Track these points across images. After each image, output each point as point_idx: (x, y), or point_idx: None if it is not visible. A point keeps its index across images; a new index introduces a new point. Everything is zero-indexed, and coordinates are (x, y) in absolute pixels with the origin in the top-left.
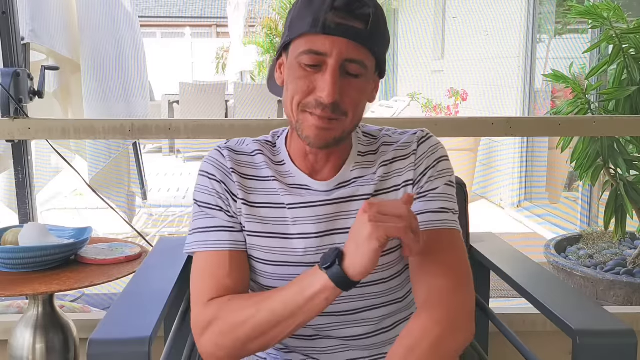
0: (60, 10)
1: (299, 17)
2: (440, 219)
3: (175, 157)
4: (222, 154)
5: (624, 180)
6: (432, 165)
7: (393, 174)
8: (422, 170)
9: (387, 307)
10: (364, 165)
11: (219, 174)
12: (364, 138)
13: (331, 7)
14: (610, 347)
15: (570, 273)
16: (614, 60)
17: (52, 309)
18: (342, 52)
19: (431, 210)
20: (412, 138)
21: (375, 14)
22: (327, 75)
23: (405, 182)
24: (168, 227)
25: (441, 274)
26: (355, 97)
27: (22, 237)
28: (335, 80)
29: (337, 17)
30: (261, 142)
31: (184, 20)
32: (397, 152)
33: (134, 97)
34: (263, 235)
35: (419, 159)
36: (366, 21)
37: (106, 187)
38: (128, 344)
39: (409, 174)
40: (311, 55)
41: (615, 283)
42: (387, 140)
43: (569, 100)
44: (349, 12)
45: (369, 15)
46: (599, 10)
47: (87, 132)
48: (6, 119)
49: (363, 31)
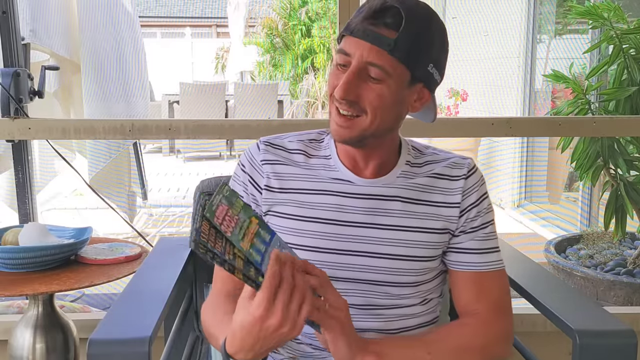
0: (61, 11)
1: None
2: (493, 259)
3: (176, 157)
4: (258, 147)
5: (624, 180)
6: (481, 199)
7: (437, 189)
8: (473, 201)
9: (400, 309)
10: (410, 175)
11: (247, 166)
12: (413, 151)
13: (368, 13)
14: (610, 347)
15: (570, 273)
16: (614, 61)
17: (52, 309)
18: (363, 55)
19: (485, 251)
20: (462, 162)
21: (409, 27)
22: (345, 74)
23: (450, 204)
24: (168, 227)
25: (493, 315)
26: (374, 99)
27: (22, 237)
28: (350, 79)
29: (368, 22)
30: (304, 141)
31: (184, 20)
32: (446, 169)
33: (134, 97)
34: (297, 218)
35: (470, 188)
36: (395, 30)
37: (106, 187)
38: (128, 344)
39: (456, 197)
40: (340, 55)
41: (615, 283)
42: (435, 158)
43: (569, 100)
44: (378, 19)
45: (400, 26)
46: (599, 11)
47: (87, 132)
48: (6, 119)
49: (388, 39)
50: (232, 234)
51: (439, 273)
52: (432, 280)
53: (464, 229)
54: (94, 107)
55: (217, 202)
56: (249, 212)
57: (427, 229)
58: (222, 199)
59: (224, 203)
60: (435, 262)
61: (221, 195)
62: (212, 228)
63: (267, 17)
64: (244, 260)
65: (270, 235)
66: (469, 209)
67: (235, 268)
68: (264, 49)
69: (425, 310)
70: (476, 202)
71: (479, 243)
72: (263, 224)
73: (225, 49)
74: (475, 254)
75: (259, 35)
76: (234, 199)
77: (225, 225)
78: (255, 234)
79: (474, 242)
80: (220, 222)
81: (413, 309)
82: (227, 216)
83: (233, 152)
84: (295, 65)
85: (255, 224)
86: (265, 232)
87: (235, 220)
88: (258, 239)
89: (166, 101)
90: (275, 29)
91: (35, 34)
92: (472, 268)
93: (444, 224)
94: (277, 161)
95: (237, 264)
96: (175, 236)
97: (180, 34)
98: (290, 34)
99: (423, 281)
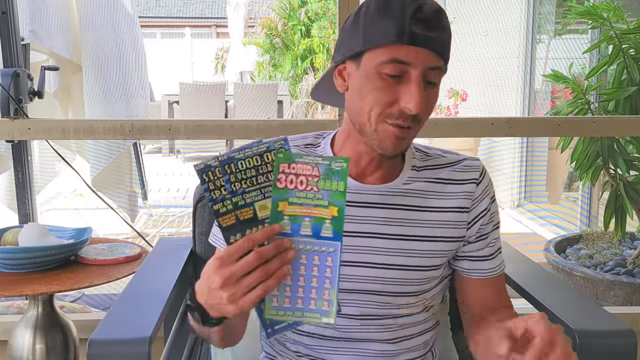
0: (61, 11)
1: (377, 26)
2: (502, 260)
3: (175, 158)
4: None
5: (623, 180)
6: (492, 201)
7: (445, 195)
8: (486, 206)
9: (403, 318)
10: (418, 179)
11: None
12: (418, 153)
13: (416, 18)
14: (610, 347)
15: (570, 273)
16: (614, 61)
17: (52, 310)
18: (427, 62)
19: (496, 254)
20: (472, 164)
21: (445, 24)
22: (413, 86)
23: (459, 208)
24: (168, 227)
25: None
26: (431, 105)
27: (22, 237)
28: (421, 91)
29: (422, 28)
30: (300, 147)
31: (183, 21)
32: (454, 173)
33: (134, 97)
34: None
35: (482, 193)
36: (444, 30)
37: (107, 188)
38: (128, 344)
39: (465, 202)
40: (395, 65)
41: (615, 283)
42: (442, 162)
43: (569, 100)
44: (433, 23)
45: (447, 26)
46: (598, 11)
47: (87, 133)
48: (6, 119)
49: (441, 41)
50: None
51: (442, 279)
52: (435, 287)
53: (479, 236)
54: (94, 107)
55: (308, 161)
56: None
57: (435, 237)
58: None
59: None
60: (440, 270)
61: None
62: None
63: (267, 17)
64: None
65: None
66: (483, 214)
67: (244, 203)
68: (263, 49)
69: (427, 318)
70: (488, 206)
71: (491, 249)
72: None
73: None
74: (489, 260)
75: (259, 36)
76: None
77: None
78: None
79: (489, 249)
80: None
81: (415, 317)
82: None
83: None
84: (294, 66)
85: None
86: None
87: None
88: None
89: (166, 101)
90: (275, 29)
91: (35, 34)
92: (489, 275)
93: (453, 232)
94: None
95: (248, 200)
96: (175, 236)
97: (180, 34)
98: (290, 34)
99: (426, 290)
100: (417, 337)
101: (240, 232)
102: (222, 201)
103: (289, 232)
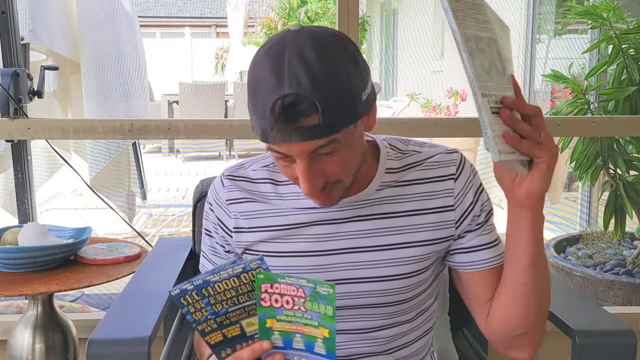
0: (60, 11)
1: (251, 117)
2: (499, 252)
3: (175, 157)
4: (222, 183)
5: (623, 180)
6: (479, 191)
7: (424, 195)
8: (472, 199)
9: (397, 327)
10: (391, 184)
11: (214, 205)
12: (393, 152)
13: (275, 116)
14: (610, 347)
15: (570, 273)
16: (614, 61)
17: (51, 309)
18: (303, 150)
19: (495, 243)
20: (447, 158)
21: (324, 98)
22: (299, 173)
23: (441, 208)
24: (167, 227)
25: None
26: (339, 168)
27: (21, 237)
28: (309, 176)
29: (285, 124)
30: (268, 167)
31: (183, 20)
32: (430, 171)
33: (134, 97)
34: (275, 254)
35: (464, 187)
36: (316, 113)
37: (106, 187)
38: (127, 344)
39: (446, 200)
40: (276, 154)
41: (615, 283)
42: (418, 158)
43: (569, 100)
44: (295, 114)
45: (317, 107)
46: (598, 11)
47: (87, 132)
48: (5, 119)
49: (316, 126)
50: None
51: (434, 278)
52: (428, 288)
53: (470, 228)
54: (94, 107)
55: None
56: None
57: (419, 242)
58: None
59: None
60: (429, 270)
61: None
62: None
63: (267, 17)
64: (241, 331)
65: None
66: (471, 208)
67: (229, 322)
68: None
69: (421, 322)
70: (475, 198)
71: (487, 237)
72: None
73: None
74: (486, 250)
75: (259, 35)
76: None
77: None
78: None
79: (483, 238)
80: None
81: (408, 325)
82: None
83: (232, 152)
84: None
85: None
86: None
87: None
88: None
89: (165, 101)
90: (275, 29)
91: (34, 34)
92: (489, 264)
93: (439, 233)
94: (243, 199)
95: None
96: (175, 236)
97: (179, 34)
98: None
99: (419, 293)
100: (412, 344)
101: (231, 347)
102: (205, 322)
103: (281, 345)
